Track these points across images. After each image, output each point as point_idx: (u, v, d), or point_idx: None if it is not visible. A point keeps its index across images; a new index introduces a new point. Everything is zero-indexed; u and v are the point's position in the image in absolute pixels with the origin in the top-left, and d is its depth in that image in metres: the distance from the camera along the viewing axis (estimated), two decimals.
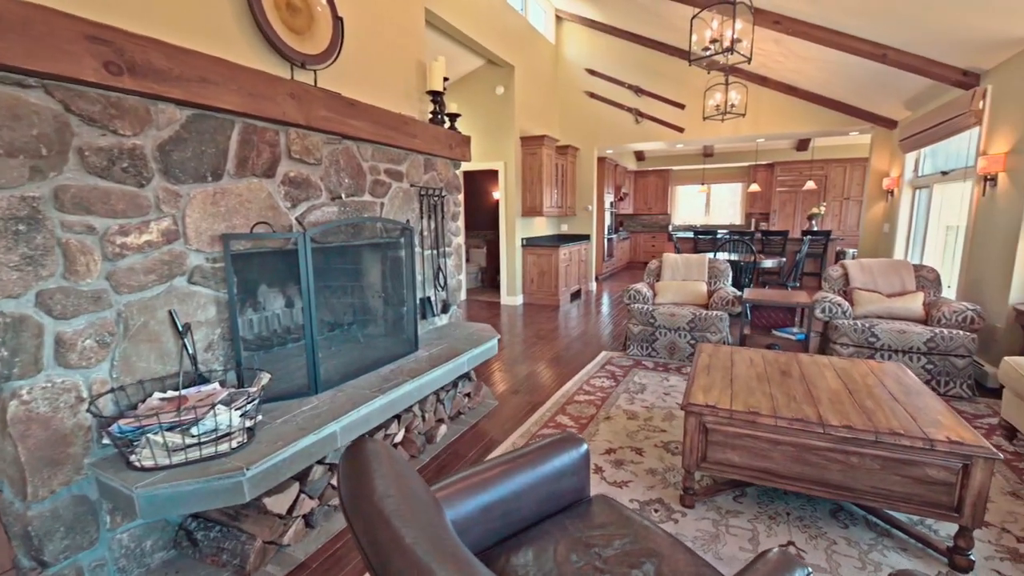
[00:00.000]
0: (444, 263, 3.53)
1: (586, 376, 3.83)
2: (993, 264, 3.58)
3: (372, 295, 3.10)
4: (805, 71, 5.60)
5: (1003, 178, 3.52)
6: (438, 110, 3.33)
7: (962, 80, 4.04)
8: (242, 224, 2.09)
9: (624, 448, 2.67)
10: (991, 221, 3.65)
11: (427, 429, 2.73)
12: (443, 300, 3.53)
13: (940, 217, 5.00)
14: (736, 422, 1.97)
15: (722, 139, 7.17)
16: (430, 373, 2.53)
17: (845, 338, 3.61)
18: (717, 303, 4.13)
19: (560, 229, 8.13)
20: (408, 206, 3.12)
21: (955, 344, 3.29)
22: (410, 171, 3.10)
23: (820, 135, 7.07)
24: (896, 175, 5.86)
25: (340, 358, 2.63)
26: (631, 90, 7.24)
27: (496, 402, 3.37)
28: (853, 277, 4.08)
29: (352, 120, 2.52)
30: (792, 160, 10.11)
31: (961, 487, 1.70)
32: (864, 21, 3.91)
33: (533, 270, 6.88)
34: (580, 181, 7.90)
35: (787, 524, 2.01)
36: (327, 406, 2.07)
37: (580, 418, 3.06)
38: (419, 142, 3.05)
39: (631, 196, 11.64)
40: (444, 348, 2.93)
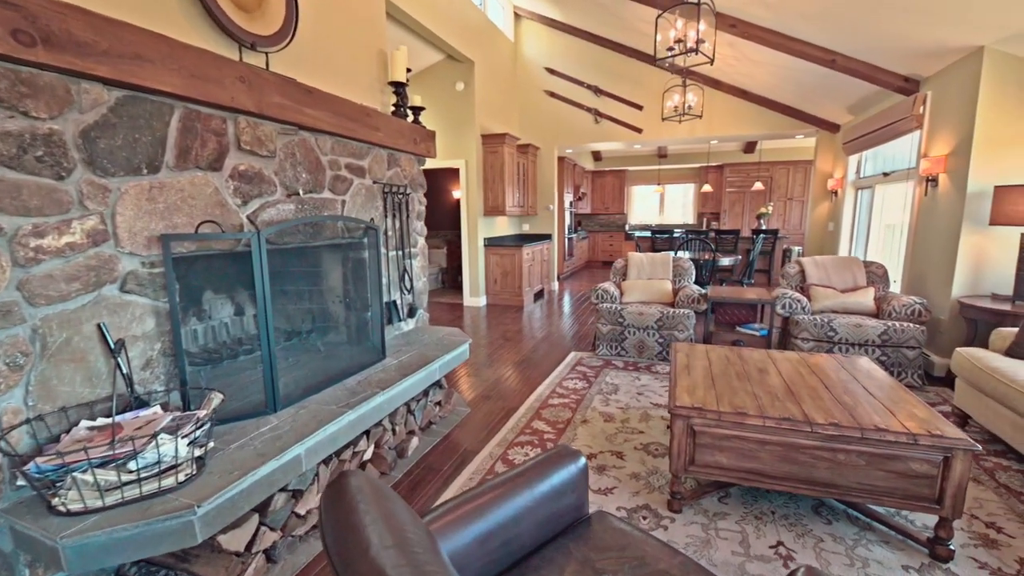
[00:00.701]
0: (410, 264, 3.34)
1: (558, 378, 3.75)
2: (935, 260, 3.81)
3: (333, 300, 2.87)
4: (757, 75, 5.79)
5: (943, 179, 3.74)
6: (401, 102, 3.15)
7: (903, 86, 4.28)
8: (185, 223, 1.84)
9: (605, 452, 2.60)
10: (933, 219, 3.88)
11: (398, 443, 2.55)
12: (409, 304, 3.35)
13: (882, 216, 5.30)
14: (724, 423, 1.94)
15: (678, 140, 7.32)
16: (401, 383, 2.36)
17: (806, 333, 3.72)
18: (683, 301, 4.17)
19: (522, 229, 8.05)
20: (371, 204, 2.92)
21: (906, 336, 3.46)
22: (373, 167, 2.90)
23: (769, 138, 7.37)
24: (840, 176, 6.18)
25: (300, 370, 2.40)
26: (590, 90, 7.27)
27: (468, 409, 3.22)
28: (809, 274, 4.23)
29: (309, 109, 2.30)
30: (740, 162, 10.53)
31: (942, 479, 1.73)
32: (816, 27, 4.06)
33: (496, 270, 6.76)
34: (541, 180, 7.85)
35: (774, 524, 2.00)
36: (289, 426, 1.86)
37: (556, 423, 2.97)
38: (382, 136, 2.86)
39: (589, 196, 11.76)
40: (414, 355, 2.76)
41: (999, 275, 3.45)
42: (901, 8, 3.30)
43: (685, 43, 3.75)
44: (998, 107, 3.29)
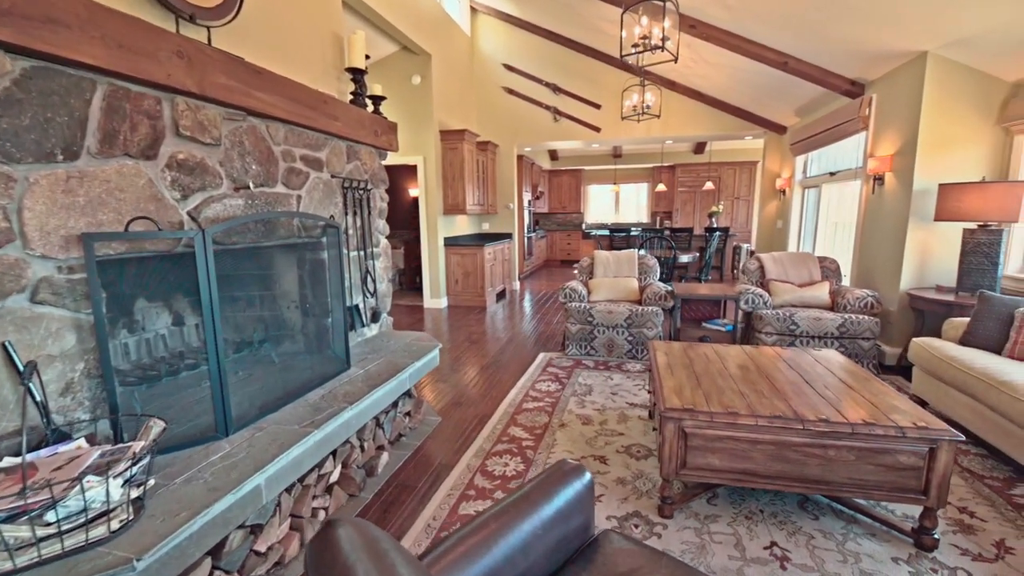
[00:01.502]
0: (372, 265, 3.12)
1: (530, 381, 3.63)
2: (884, 255, 4.00)
3: (288, 306, 2.61)
4: (712, 77, 5.93)
5: (890, 177, 3.94)
6: (360, 91, 2.92)
7: (850, 89, 4.49)
8: (112, 220, 1.57)
9: (587, 458, 2.51)
10: (880, 216, 4.09)
11: (367, 460, 2.34)
12: (373, 308, 3.12)
13: (828, 214, 5.57)
14: (716, 424, 1.88)
15: (636, 140, 7.42)
16: (370, 395, 2.15)
17: (769, 327, 3.81)
18: (651, 298, 4.17)
19: (482, 228, 7.89)
20: (330, 200, 2.68)
21: (862, 328, 3.61)
22: (331, 159, 2.67)
23: (721, 138, 7.61)
24: (787, 176, 6.46)
25: (254, 386, 2.15)
26: (549, 88, 7.22)
27: (439, 418, 3.04)
28: (768, 269, 4.35)
29: (260, 93, 2.05)
30: (691, 162, 10.87)
31: (928, 470, 1.75)
32: (772, 30, 4.17)
33: (457, 271, 6.56)
34: (500, 178, 7.73)
35: (764, 523, 1.97)
36: (244, 452, 1.62)
37: (534, 428, 2.85)
38: (340, 126, 2.63)
39: (546, 195, 11.76)
40: (381, 363, 2.55)
41: (943, 268, 3.67)
42: (852, 13, 3.43)
43: (650, 40, 3.74)
44: (941, 109, 3.49)
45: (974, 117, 3.46)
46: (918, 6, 3.07)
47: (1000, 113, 3.43)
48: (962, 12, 2.96)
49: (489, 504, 2.10)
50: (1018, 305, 2.63)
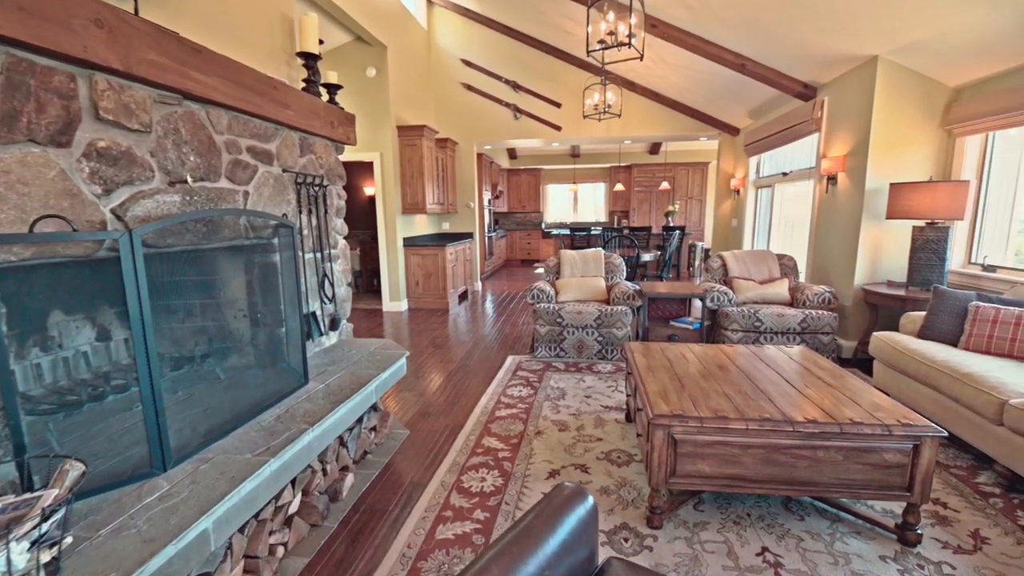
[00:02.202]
0: (330, 268, 2.88)
1: (501, 386, 3.49)
2: (837, 251, 4.15)
3: (235, 315, 2.34)
4: (670, 78, 6.01)
5: (843, 177, 4.08)
6: (313, 78, 2.67)
7: (803, 92, 4.64)
8: (13, 219, 1.29)
9: (567, 467, 2.39)
10: (833, 214, 4.23)
11: (330, 484, 2.12)
12: (331, 314, 2.88)
13: (782, 212, 5.76)
14: (707, 430, 1.82)
15: (596, 139, 7.43)
16: (333, 413, 1.94)
17: (735, 324, 3.85)
18: (619, 298, 4.13)
19: (442, 227, 7.67)
20: (281, 197, 2.43)
21: (822, 323, 3.71)
22: (282, 152, 2.41)
23: (677, 139, 7.76)
24: (741, 176, 6.65)
25: (197, 408, 1.88)
26: (509, 85, 7.10)
27: (407, 431, 2.84)
28: (731, 267, 4.42)
29: (198, 73, 1.80)
30: (647, 163, 11.08)
31: (912, 467, 1.75)
32: (732, 32, 4.23)
33: (418, 272, 6.32)
34: (460, 177, 7.53)
35: (753, 528, 1.93)
36: (187, 490, 1.39)
37: (509, 437, 2.71)
38: (292, 115, 2.38)
39: (505, 194, 11.65)
40: (344, 376, 2.33)
41: (893, 264, 3.84)
42: (809, 17, 3.52)
43: (616, 36, 3.70)
44: (890, 112, 3.63)
45: (920, 120, 3.64)
46: (871, 12, 3.17)
47: (943, 116, 3.61)
48: (910, 18, 3.08)
49: (468, 526, 1.95)
50: (970, 299, 2.75)
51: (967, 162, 3.54)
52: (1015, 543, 1.82)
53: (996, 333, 2.55)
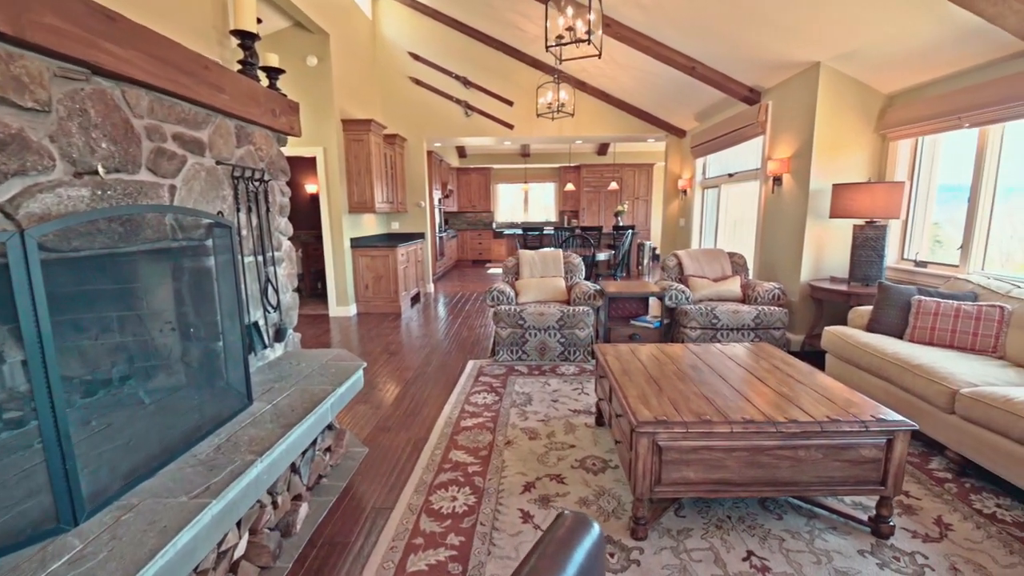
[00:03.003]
0: (274, 272, 2.59)
1: (464, 394, 3.33)
2: (784, 249, 4.33)
3: (160, 328, 2.03)
4: (620, 79, 6.07)
5: (787, 178, 4.26)
6: (250, 60, 2.38)
7: (748, 96, 4.80)
8: None
9: (542, 479, 2.28)
10: (779, 214, 4.41)
11: (282, 518, 1.87)
12: (275, 324, 2.60)
13: (728, 211, 5.97)
14: (691, 435, 1.76)
15: (548, 138, 7.40)
16: (284, 439, 1.71)
17: (694, 322, 3.91)
18: (580, 298, 4.08)
19: (391, 227, 7.35)
20: (216, 193, 2.13)
21: (774, 319, 3.84)
22: (215, 141, 2.12)
23: (626, 140, 7.88)
24: (688, 176, 6.85)
25: (117, 441, 1.59)
26: (459, 81, 6.91)
27: (365, 448, 2.61)
28: (686, 266, 4.49)
29: (112, 45, 1.51)
30: (595, 163, 11.24)
31: (886, 461, 1.78)
32: (684, 34, 4.29)
33: (367, 274, 6.00)
34: (410, 174, 7.25)
35: (736, 531, 1.90)
36: (106, 549, 1.13)
37: (478, 449, 2.56)
38: (228, 100, 2.10)
39: (455, 193, 11.42)
40: (294, 394, 2.08)
41: (835, 260, 4.04)
42: (759, 23, 3.62)
43: (575, 32, 3.63)
44: (832, 116, 3.82)
45: (858, 124, 3.84)
46: (816, 19, 3.30)
47: (878, 121, 3.84)
48: (850, 27, 3.23)
49: (443, 553, 1.78)
50: (912, 294, 2.91)
51: (899, 165, 3.78)
52: (975, 527, 1.90)
53: (938, 325, 2.71)
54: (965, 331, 2.62)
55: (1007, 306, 2.55)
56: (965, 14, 2.61)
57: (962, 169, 3.38)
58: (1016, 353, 2.46)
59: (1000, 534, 1.85)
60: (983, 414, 2.04)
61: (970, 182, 3.25)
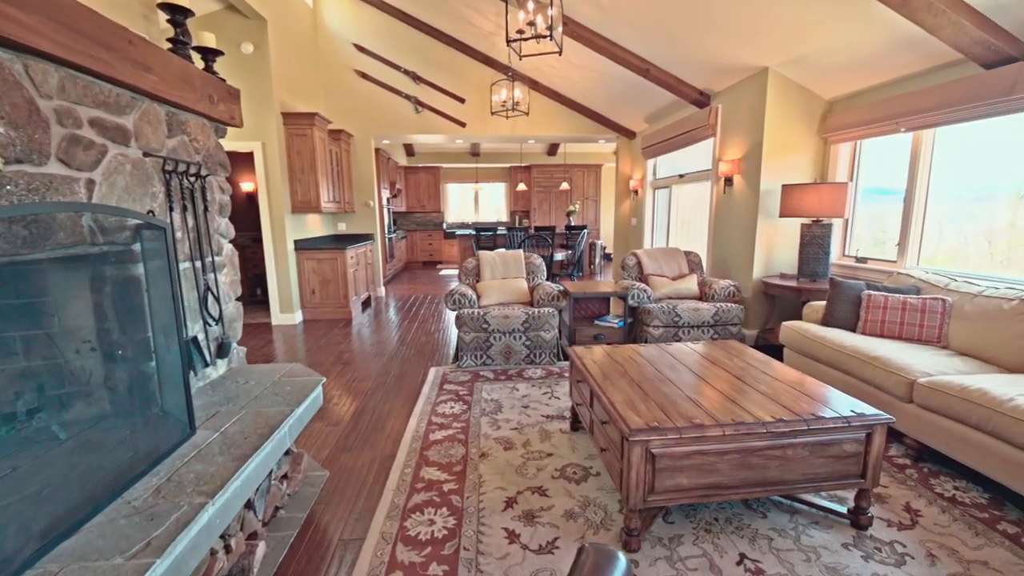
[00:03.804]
0: (215, 280, 2.30)
1: (429, 404, 3.14)
2: (736, 247, 4.47)
3: (77, 349, 1.72)
4: (573, 79, 6.07)
5: (738, 179, 4.40)
6: (182, 38, 2.09)
7: (698, 99, 4.93)
8: None
9: (524, 492, 2.16)
10: (731, 213, 4.55)
11: (236, 563, 1.63)
12: (218, 338, 2.31)
13: (679, 211, 6.14)
14: (685, 440, 1.70)
15: (501, 137, 7.29)
16: (239, 474, 1.48)
17: (657, 320, 3.94)
18: (543, 299, 4.01)
19: (337, 228, 6.96)
20: (144, 189, 1.84)
21: (731, 315, 3.95)
22: (142, 129, 1.83)
23: (577, 140, 7.93)
24: (639, 177, 6.99)
25: (26, 489, 1.30)
26: (409, 76, 6.65)
27: (326, 472, 2.38)
28: (646, 265, 4.54)
29: (11, 8, 1.23)
30: (545, 164, 11.28)
31: (865, 454, 1.81)
32: (639, 36, 4.33)
33: (314, 279, 5.62)
34: (357, 173, 6.90)
35: (725, 534, 1.87)
36: None
37: (451, 465, 2.40)
38: (156, 81, 1.82)
39: (404, 193, 11.06)
40: (245, 418, 1.84)
41: (785, 258, 4.22)
42: (712, 27, 3.70)
43: (535, 27, 3.55)
44: (780, 119, 3.98)
45: (803, 128, 4.03)
46: (766, 25, 3.41)
47: (820, 125, 4.05)
48: (797, 34, 3.37)
49: None
50: (862, 288, 3.06)
51: (840, 166, 4.00)
52: (941, 512, 1.98)
53: (887, 318, 2.86)
54: (912, 323, 2.78)
55: (948, 299, 2.74)
56: (906, 24, 2.78)
57: (892, 172, 3.63)
58: (959, 343, 2.64)
59: (964, 516, 1.95)
60: (941, 402, 2.15)
61: (893, 183, 3.48)
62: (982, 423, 1.98)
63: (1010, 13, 2.44)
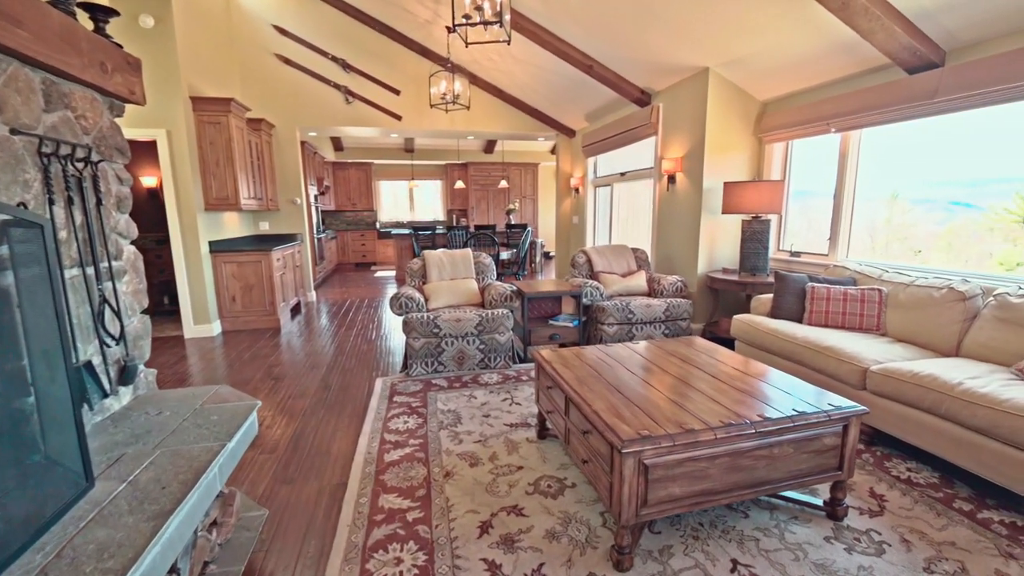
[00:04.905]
0: (113, 290, 1.88)
1: (380, 420, 2.85)
2: (680, 244, 4.56)
3: None
4: (515, 74, 5.94)
5: (681, 177, 4.49)
6: None
7: (640, 98, 4.99)
8: None
9: (498, 513, 1.97)
10: (674, 210, 4.64)
11: None
12: (119, 360, 1.90)
13: (621, 209, 6.21)
14: (678, 447, 1.60)
15: (439, 132, 6.99)
16: (157, 538, 1.16)
17: (611, 318, 3.90)
18: (496, 300, 3.83)
19: (259, 228, 6.32)
20: (11, 176, 1.43)
21: (681, 310, 4.00)
22: (8, 98, 1.42)
23: (517, 138, 7.82)
24: (580, 175, 7.01)
25: None
26: (337, 64, 6.17)
27: (264, 511, 2.04)
28: (595, 262, 4.50)
29: None
30: (483, 161, 11.09)
31: (842, 446, 1.82)
32: (584, 31, 4.27)
33: (234, 284, 5.03)
34: (281, 167, 6.31)
35: (713, 540, 1.80)
36: None
37: (414, 489, 2.15)
38: (28, 38, 1.42)
39: (332, 190, 10.37)
40: (160, 461, 1.49)
41: (726, 253, 4.37)
42: (657, 25, 3.71)
43: (483, 12, 3.36)
44: (721, 119, 4.09)
45: (741, 128, 4.18)
46: (706, 25, 3.48)
47: (756, 125, 4.22)
48: (736, 35, 3.46)
49: None
50: (805, 282, 3.19)
51: (774, 165, 4.19)
52: (901, 495, 2.05)
53: (830, 309, 3.00)
54: (853, 313, 2.93)
55: (883, 289, 2.91)
56: (841, 29, 2.91)
57: (819, 171, 3.86)
58: (895, 330, 2.81)
59: (923, 498, 2.03)
60: (894, 389, 2.24)
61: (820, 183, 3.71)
62: (934, 407, 2.08)
63: (935, 21, 2.62)
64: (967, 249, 3.19)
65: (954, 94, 2.70)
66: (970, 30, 2.61)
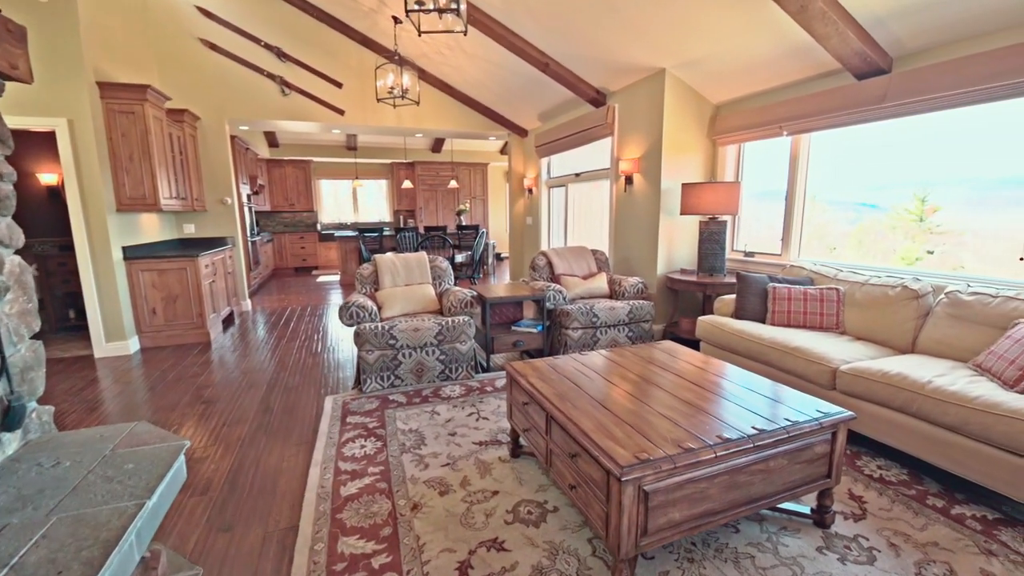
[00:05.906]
0: None
1: (332, 446, 2.56)
2: (639, 245, 4.55)
3: None
4: (466, 70, 5.72)
5: (638, 178, 4.47)
6: None
7: (595, 98, 4.93)
8: None
9: (478, 550, 1.77)
10: (632, 211, 4.62)
11: None
12: (1, 400, 1.52)
13: (577, 209, 6.16)
14: (679, 470, 1.48)
15: (386, 128, 6.63)
16: None
17: (576, 322, 3.79)
18: (455, 306, 3.61)
19: (183, 231, 5.69)
20: None
21: (643, 312, 3.97)
22: None
23: (467, 136, 7.59)
24: (533, 176, 6.90)
25: None
26: (272, 52, 5.68)
27: (198, 569, 1.71)
28: (556, 264, 4.39)
29: None
30: (430, 161, 10.75)
31: (831, 453, 1.78)
32: (541, 28, 4.14)
33: (154, 295, 4.47)
34: (208, 163, 5.71)
35: (708, 560, 1.70)
36: None
37: (378, 528, 1.90)
38: None
39: (267, 189, 9.65)
40: (57, 532, 1.17)
41: (683, 253, 4.39)
42: (614, 24, 3.65)
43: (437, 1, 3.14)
44: (677, 120, 4.10)
45: (696, 129, 4.22)
46: (664, 26, 3.45)
47: (710, 128, 4.27)
48: (691, 37, 3.46)
49: None
50: (766, 282, 3.22)
51: (728, 167, 4.26)
52: (879, 495, 2.06)
53: (792, 308, 3.04)
54: (814, 312, 2.98)
55: (840, 288, 2.98)
56: (796, 33, 2.95)
57: (770, 173, 3.97)
58: (854, 328, 2.89)
59: (899, 496, 2.05)
60: (865, 388, 2.26)
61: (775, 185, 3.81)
62: (906, 406, 2.11)
63: (886, 28, 2.71)
64: (874, 246, 3.42)
65: (902, 99, 2.80)
66: (917, 38, 2.72)
